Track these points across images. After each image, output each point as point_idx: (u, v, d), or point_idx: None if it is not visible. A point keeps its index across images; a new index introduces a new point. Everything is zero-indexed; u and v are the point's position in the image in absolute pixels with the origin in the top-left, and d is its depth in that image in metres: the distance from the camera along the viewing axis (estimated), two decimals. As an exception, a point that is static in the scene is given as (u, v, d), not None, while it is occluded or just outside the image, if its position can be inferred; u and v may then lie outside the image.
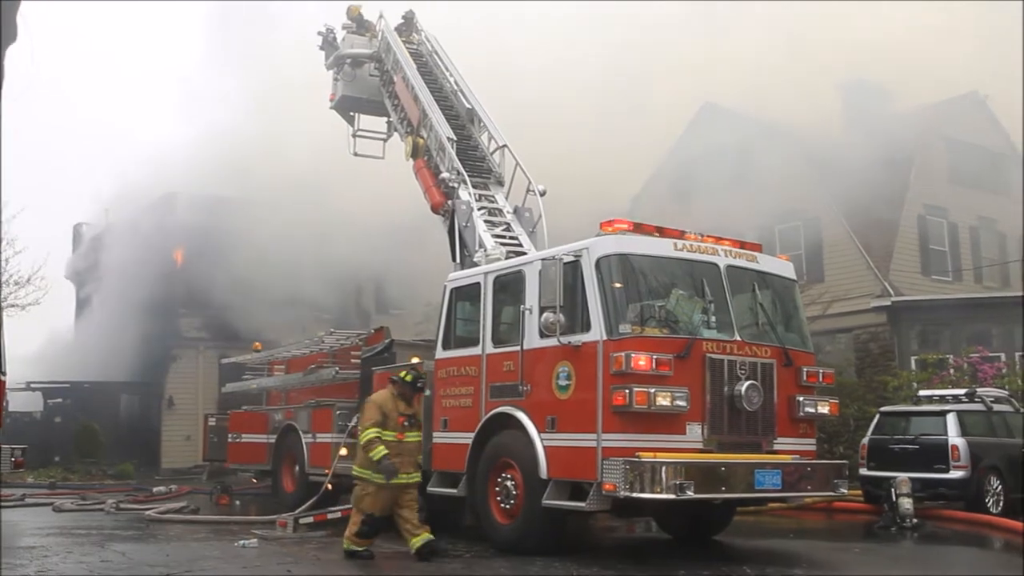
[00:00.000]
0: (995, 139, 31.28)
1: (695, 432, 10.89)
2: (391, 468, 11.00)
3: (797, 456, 11.68)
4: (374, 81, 20.69)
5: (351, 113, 21.75)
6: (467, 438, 12.35)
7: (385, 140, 21.68)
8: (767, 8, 27.98)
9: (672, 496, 10.24)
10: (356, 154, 21.83)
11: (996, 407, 18.11)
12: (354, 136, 21.82)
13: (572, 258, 11.32)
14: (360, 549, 11.29)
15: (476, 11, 27.93)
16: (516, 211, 16.12)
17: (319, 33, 21.62)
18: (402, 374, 11.60)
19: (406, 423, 11.31)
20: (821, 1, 26.91)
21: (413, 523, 11.29)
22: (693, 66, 27.76)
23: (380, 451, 11.01)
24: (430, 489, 12.85)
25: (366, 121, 21.86)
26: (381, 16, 20.78)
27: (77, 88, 73.67)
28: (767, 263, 12.46)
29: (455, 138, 16.96)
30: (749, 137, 29.24)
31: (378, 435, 11.09)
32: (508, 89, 24.05)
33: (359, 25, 21.20)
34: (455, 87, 18.89)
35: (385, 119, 21.13)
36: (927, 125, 29.15)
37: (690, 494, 10.30)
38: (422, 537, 11.17)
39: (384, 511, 11.27)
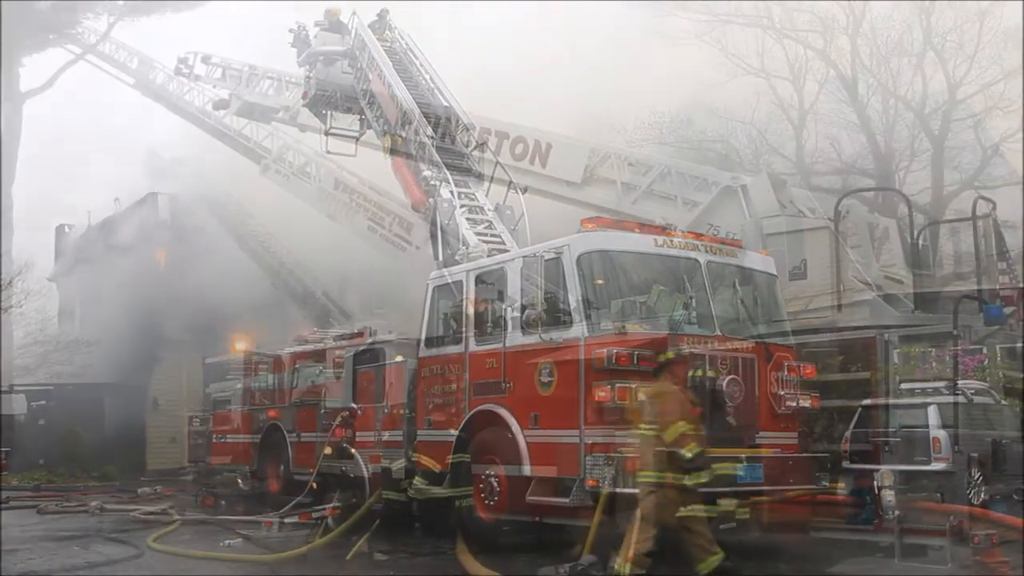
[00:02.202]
0: (979, 136, 31.31)
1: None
2: (709, 463, 9.15)
3: (779, 450, 11.74)
4: (347, 79, 20.62)
5: (324, 111, 21.68)
6: (451, 436, 12.38)
7: (358, 138, 21.62)
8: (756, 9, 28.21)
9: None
10: (329, 152, 21.76)
11: (977, 399, 18.21)
12: (327, 134, 21.74)
13: (553, 255, 11.33)
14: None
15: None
16: (497, 208, 16.13)
17: (291, 31, 21.56)
18: (661, 358, 9.78)
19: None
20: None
21: (708, 538, 9.46)
22: (680, 61, 27.83)
23: (695, 447, 9.06)
24: (414, 487, 12.88)
25: (339, 118, 21.77)
26: (354, 13, 20.71)
27: (58, 87, 72.86)
28: (748, 258, 12.52)
29: (435, 136, 16.96)
30: (735, 132, 29.31)
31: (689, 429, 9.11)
32: (488, 86, 24.06)
33: (333, 25, 21.13)
34: (431, 84, 18.87)
35: (358, 116, 21.07)
36: (913, 120, 29.23)
37: (672, 489, 10.33)
38: (718, 556, 9.41)
39: None
